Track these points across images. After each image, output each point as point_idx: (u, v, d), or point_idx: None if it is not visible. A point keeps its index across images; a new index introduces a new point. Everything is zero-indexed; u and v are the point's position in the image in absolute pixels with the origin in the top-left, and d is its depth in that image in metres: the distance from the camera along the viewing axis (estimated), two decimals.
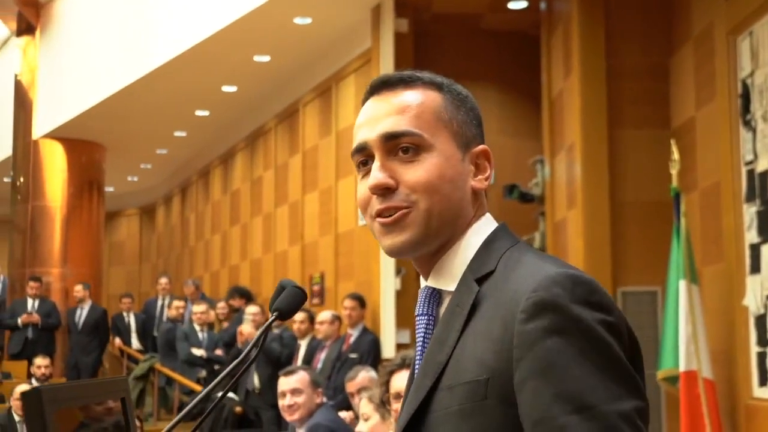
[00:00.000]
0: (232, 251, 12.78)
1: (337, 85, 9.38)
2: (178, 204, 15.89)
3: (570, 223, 6.82)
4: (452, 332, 1.30)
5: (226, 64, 9.89)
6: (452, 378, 1.27)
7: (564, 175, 7.02)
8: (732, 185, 5.39)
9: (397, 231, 1.35)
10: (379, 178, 1.35)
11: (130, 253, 18.41)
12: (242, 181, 12.42)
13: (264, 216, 11.52)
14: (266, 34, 9.01)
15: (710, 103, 5.80)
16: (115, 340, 12.53)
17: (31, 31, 12.63)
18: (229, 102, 11.27)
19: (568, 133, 6.88)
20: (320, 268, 9.66)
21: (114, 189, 15.92)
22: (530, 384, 1.17)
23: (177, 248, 15.88)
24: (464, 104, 1.42)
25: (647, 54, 6.57)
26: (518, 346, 1.20)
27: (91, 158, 13.03)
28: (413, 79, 1.41)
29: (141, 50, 10.31)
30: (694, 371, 5.28)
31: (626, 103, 6.52)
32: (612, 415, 1.14)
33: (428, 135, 1.36)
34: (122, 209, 18.22)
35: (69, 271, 12.52)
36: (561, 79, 7.14)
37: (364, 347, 7.65)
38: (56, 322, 11.54)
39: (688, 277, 5.37)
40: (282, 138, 10.99)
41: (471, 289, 1.31)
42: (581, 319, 1.18)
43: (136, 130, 12.68)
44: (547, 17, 7.71)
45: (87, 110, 11.41)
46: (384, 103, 1.40)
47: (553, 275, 1.22)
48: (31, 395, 1.17)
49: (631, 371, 1.19)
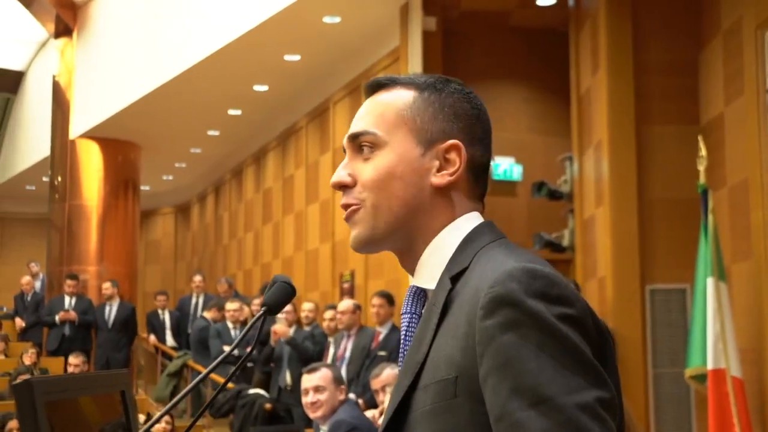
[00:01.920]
0: (265, 249, 12.86)
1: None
2: (212, 202, 16.01)
3: (598, 221, 6.78)
4: (428, 331, 1.31)
5: (258, 63, 9.96)
6: (427, 377, 1.27)
7: (592, 172, 6.98)
8: (761, 181, 5.33)
9: (352, 227, 1.41)
10: (336, 176, 1.41)
11: (165, 252, 18.57)
12: (274, 180, 12.49)
13: (295, 214, 11.58)
14: (296, 33, 9.06)
15: (739, 98, 5.74)
16: (150, 337, 12.64)
17: (68, 32, 12.81)
18: (260, 101, 11.34)
19: (596, 130, 6.85)
20: (351, 265, 9.69)
21: (149, 188, 16.07)
22: (490, 380, 1.18)
23: (211, 246, 16.00)
24: (442, 99, 1.41)
25: (675, 49, 6.51)
26: (479, 342, 1.20)
27: (127, 157, 13.17)
28: (390, 82, 1.44)
29: (174, 50, 10.42)
30: (723, 369, 5.22)
31: (654, 99, 6.47)
32: (570, 407, 1.12)
33: (384, 133, 1.39)
34: (157, 208, 18.38)
35: (105, 269, 12.66)
36: (589, 76, 7.10)
37: (393, 345, 7.65)
38: (93, 319, 11.67)
39: (716, 274, 5.32)
40: (313, 136, 11.04)
41: (445, 287, 1.32)
42: (537, 313, 1.17)
43: (170, 129, 12.80)
44: (575, 14, 7.67)
45: (122, 110, 11.55)
46: (362, 108, 1.45)
47: (510, 269, 1.22)
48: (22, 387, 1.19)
49: (593, 362, 1.17)
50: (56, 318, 11.38)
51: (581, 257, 7.22)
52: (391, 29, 8.55)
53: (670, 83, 6.49)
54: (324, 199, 10.56)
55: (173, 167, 15.61)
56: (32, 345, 11.03)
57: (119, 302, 11.73)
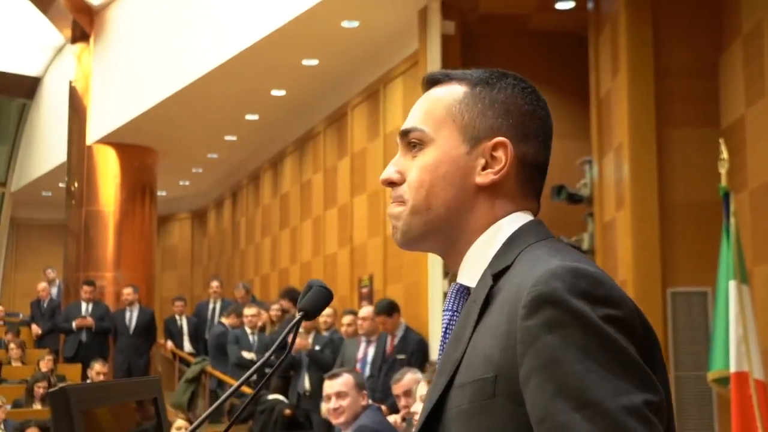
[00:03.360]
0: (282, 254, 12.86)
1: (385, 87, 9.40)
2: (229, 208, 16.03)
3: (619, 224, 6.75)
4: (467, 329, 1.29)
5: (275, 68, 9.97)
6: (464, 376, 1.25)
7: (612, 176, 6.95)
8: None
9: (395, 226, 1.39)
10: (385, 173, 1.40)
11: (182, 257, 18.60)
12: (292, 185, 12.50)
13: (313, 219, 11.58)
14: (314, 37, 9.06)
15: (760, 100, 5.71)
16: (167, 343, 12.65)
17: (85, 38, 12.86)
18: (278, 106, 11.35)
19: (616, 133, 6.82)
20: (369, 270, 9.68)
21: (166, 193, 16.11)
22: (533, 381, 1.15)
23: (228, 252, 16.02)
24: (493, 95, 1.38)
25: (696, 52, 6.48)
26: (521, 342, 1.17)
27: (144, 163, 13.20)
28: (444, 77, 1.42)
29: (191, 55, 10.44)
30: (746, 372, 5.18)
31: (675, 102, 6.44)
32: (617, 411, 1.09)
33: (431, 130, 1.37)
34: (174, 213, 18.42)
35: (122, 275, 12.69)
36: (609, 79, 7.08)
37: (410, 347, 7.64)
38: (110, 325, 11.69)
39: (738, 277, 5.28)
40: (331, 141, 11.04)
41: (486, 285, 1.30)
42: (581, 313, 1.14)
43: (187, 134, 12.83)
44: (595, 17, 7.65)
45: (139, 115, 11.59)
46: (416, 104, 1.43)
47: (554, 268, 1.19)
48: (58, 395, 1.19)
49: (640, 364, 1.14)
50: (73, 324, 11.40)
51: (601, 261, 7.18)
52: (410, 33, 8.55)
53: (690, 86, 6.46)
54: (342, 203, 10.55)
55: (190, 172, 15.65)
56: (49, 352, 11.06)
57: (139, 308, 11.75)
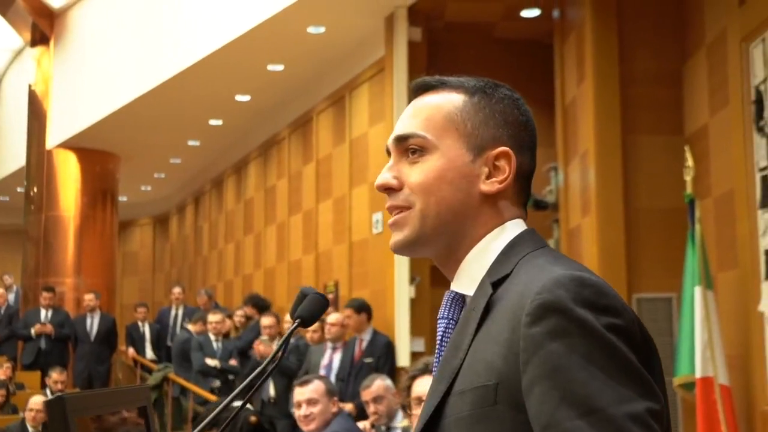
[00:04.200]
0: (246, 260, 12.80)
1: (351, 93, 9.41)
2: (192, 213, 15.93)
3: (584, 230, 6.81)
4: (466, 336, 1.30)
5: (240, 73, 9.94)
6: (464, 383, 1.26)
7: (578, 182, 7.01)
8: (746, 191, 5.37)
9: (396, 230, 1.39)
10: (382, 178, 1.41)
11: (143, 263, 18.46)
12: (256, 190, 12.45)
13: (278, 225, 11.55)
14: (280, 43, 9.04)
15: (723, 109, 5.79)
16: (129, 350, 12.54)
17: (45, 41, 12.71)
18: (242, 111, 11.31)
19: (581, 140, 6.88)
20: (334, 276, 9.67)
21: (127, 198, 15.98)
22: (536, 389, 1.16)
23: (190, 258, 15.92)
24: (493, 105, 1.41)
25: (660, 60, 6.56)
26: (524, 350, 1.18)
27: (105, 168, 13.08)
28: (439, 83, 1.44)
29: (155, 60, 10.37)
30: (711, 377, 5.25)
31: (640, 109, 6.51)
32: (621, 418, 1.11)
33: (433, 137, 1.38)
34: (135, 219, 18.28)
35: (82, 281, 12.56)
36: (574, 87, 7.14)
37: (378, 350, 7.63)
38: (70, 332, 11.55)
39: (703, 283, 5.36)
40: (295, 147, 11.02)
41: (486, 293, 1.31)
42: (585, 321, 1.16)
43: (149, 139, 12.73)
44: (560, 25, 7.72)
45: (101, 120, 11.47)
46: (408, 108, 1.44)
47: (558, 277, 1.21)
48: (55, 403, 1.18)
49: (642, 372, 1.16)
50: (32, 331, 11.24)
51: None
52: (376, 40, 8.56)
53: (655, 94, 6.54)
54: (307, 209, 10.53)
55: (152, 178, 15.54)
56: (7, 359, 10.89)
57: (101, 314, 11.63)
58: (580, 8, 6.88)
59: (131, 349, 12.47)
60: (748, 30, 5.42)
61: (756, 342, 5.26)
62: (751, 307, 5.31)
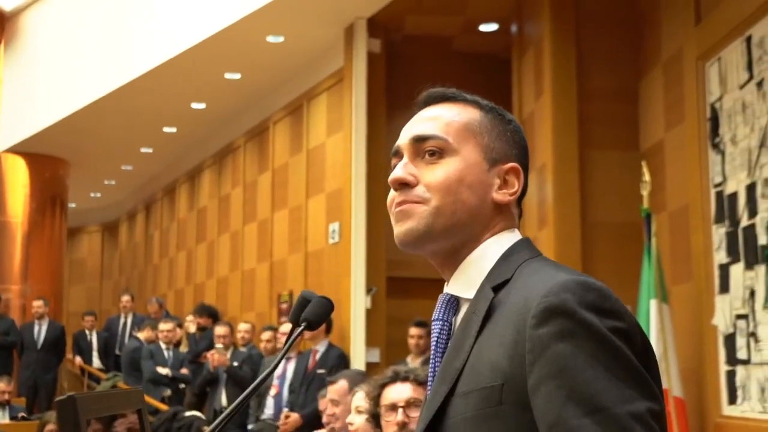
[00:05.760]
0: (198, 269, 12.71)
1: (309, 103, 9.41)
2: (142, 221, 15.78)
3: (541, 243, 6.88)
4: (468, 338, 1.33)
5: (196, 81, 9.89)
6: (468, 384, 1.29)
7: (535, 195, 7.09)
8: (701, 207, 5.48)
9: (403, 220, 1.42)
10: (397, 173, 1.44)
11: (91, 271, 18.23)
12: (209, 198, 12.38)
13: (231, 233, 11.49)
14: (238, 51, 9.02)
15: (679, 125, 5.91)
16: (76, 358, 12.37)
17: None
18: (197, 119, 11.25)
19: (539, 154, 6.96)
20: (289, 286, 9.64)
21: (75, 205, 15.78)
22: (543, 388, 1.20)
23: (140, 266, 15.76)
24: (504, 125, 1.49)
25: (617, 76, 6.67)
26: (530, 350, 1.23)
27: (55, 173, 12.92)
28: (455, 96, 1.50)
29: (109, 65, 10.27)
30: (665, 390, 5.34)
31: (597, 124, 6.62)
32: (624, 417, 1.16)
33: (454, 141, 1.44)
34: (83, 225, 18.05)
35: (29, 288, 12.37)
36: (532, 101, 7.23)
37: (331, 362, 7.63)
38: (16, 339, 11.36)
39: (658, 296, 5.45)
40: (251, 155, 10.98)
41: (487, 297, 1.35)
42: (591, 324, 1.21)
43: (101, 145, 12.60)
44: (518, 40, 7.81)
45: (52, 125, 11.32)
46: (423, 113, 1.49)
47: (564, 281, 1.25)
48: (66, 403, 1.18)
49: (644, 374, 1.21)
50: None
51: None
52: (335, 50, 8.58)
53: (612, 109, 6.64)
54: (262, 218, 10.50)
55: (102, 184, 15.37)
56: None
57: (49, 321, 11.46)
58: (539, 24, 6.98)
59: (78, 357, 12.31)
60: (704, 49, 5.54)
61: (709, 355, 5.36)
62: (705, 320, 5.41)
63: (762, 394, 4.88)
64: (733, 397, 5.15)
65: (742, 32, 5.11)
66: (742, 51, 5.13)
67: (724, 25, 5.32)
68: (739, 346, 5.07)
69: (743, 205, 5.07)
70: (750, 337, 4.97)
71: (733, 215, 5.17)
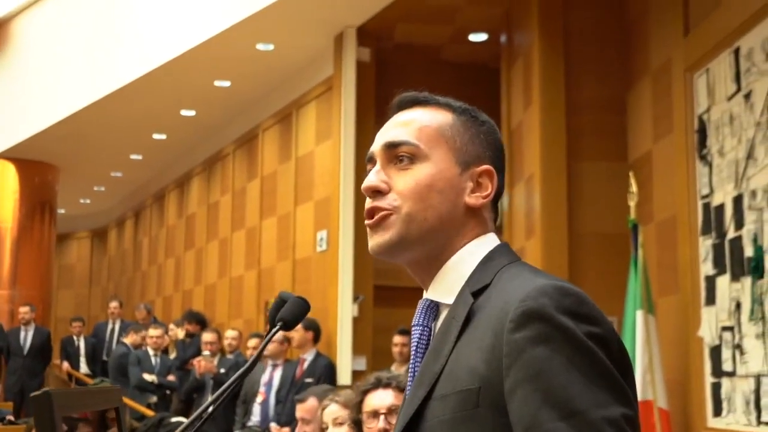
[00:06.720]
0: (186, 276, 12.69)
1: (298, 111, 9.42)
2: (131, 227, 15.76)
3: (528, 253, 6.89)
4: (447, 343, 1.33)
5: (186, 88, 9.89)
6: (445, 388, 1.30)
7: (523, 206, 7.10)
8: (688, 218, 5.49)
9: (378, 232, 1.42)
10: (370, 181, 1.44)
11: (79, 276, 18.20)
12: (198, 206, 12.37)
13: (220, 241, 11.47)
14: (228, 59, 9.03)
15: (667, 137, 5.92)
16: (63, 363, 12.34)
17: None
18: (187, 126, 11.25)
19: (527, 164, 6.97)
20: (276, 293, 9.62)
21: (65, 211, 15.74)
22: (519, 392, 1.20)
23: (129, 272, 15.73)
24: (477, 126, 1.49)
25: (606, 87, 6.69)
26: (507, 354, 1.23)
27: (44, 179, 12.90)
28: (428, 99, 1.50)
29: (99, 72, 10.26)
30: (650, 401, 5.34)
31: (585, 135, 6.63)
32: (598, 421, 1.16)
33: (425, 146, 1.43)
34: (73, 232, 18.02)
35: (17, 293, 12.34)
36: (521, 111, 7.24)
37: (319, 371, 7.62)
38: (2, 344, 11.33)
39: (645, 307, 5.45)
40: (240, 163, 10.98)
41: (466, 302, 1.35)
42: (567, 329, 1.21)
43: (91, 152, 12.59)
44: (507, 50, 7.83)
45: (41, 131, 11.30)
46: (395, 118, 1.50)
47: (542, 286, 1.26)
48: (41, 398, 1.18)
49: (619, 380, 1.22)
50: None
51: None
52: (325, 59, 8.59)
53: (600, 120, 6.66)
54: (250, 226, 10.49)
55: (91, 191, 15.34)
56: None
57: (35, 327, 11.43)
58: (528, 34, 7.00)
59: (66, 363, 12.27)
60: (693, 60, 5.56)
61: (695, 367, 5.36)
62: (690, 332, 5.42)
63: (747, 407, 4.88)
64: (719, 409, 5.15)
65: (731, 44, 5.13)
66: (730, 63, 5.15)
67: (712, 37, 5.34)
68: (725, 358, 5.07)
69: (730, 216, 5.08)
70: (736, 349, 4.98)
71: (720, 227, 5.18)
